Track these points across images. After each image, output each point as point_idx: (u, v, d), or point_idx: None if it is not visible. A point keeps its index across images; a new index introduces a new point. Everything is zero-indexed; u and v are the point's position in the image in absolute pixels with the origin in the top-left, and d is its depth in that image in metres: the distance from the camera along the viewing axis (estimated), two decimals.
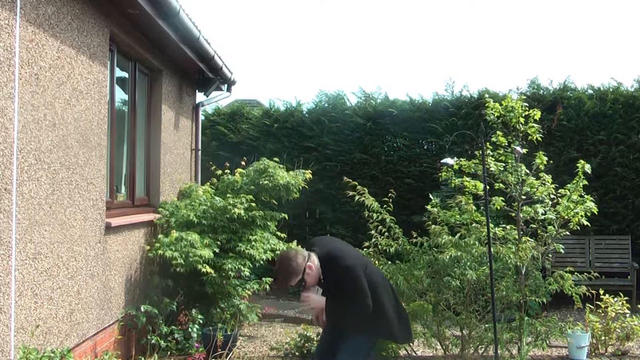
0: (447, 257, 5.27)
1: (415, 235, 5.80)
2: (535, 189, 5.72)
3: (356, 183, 5.93)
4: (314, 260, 3.75)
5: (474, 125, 9.08)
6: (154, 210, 6.46)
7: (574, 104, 9.36)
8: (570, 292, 5.53)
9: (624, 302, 6.20)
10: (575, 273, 5.70)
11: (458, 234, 5.60)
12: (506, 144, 5.88)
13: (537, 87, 9.68)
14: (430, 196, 6.12)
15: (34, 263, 3.93)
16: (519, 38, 34.35)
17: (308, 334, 5.91)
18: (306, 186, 6.95)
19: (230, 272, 5.99)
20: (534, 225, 5.82)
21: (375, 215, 5.77)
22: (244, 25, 37.60)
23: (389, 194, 5.84)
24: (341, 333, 3.89)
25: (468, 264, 5.36)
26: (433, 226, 5.67)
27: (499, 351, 5.16)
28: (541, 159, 5.86)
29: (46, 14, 4.07)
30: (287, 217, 6.79)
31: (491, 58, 33.09)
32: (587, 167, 5.81)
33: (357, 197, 5.85)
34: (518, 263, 5.50)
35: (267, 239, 6.36)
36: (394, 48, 36.46)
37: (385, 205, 5.80)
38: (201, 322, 5.97)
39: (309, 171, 7.05)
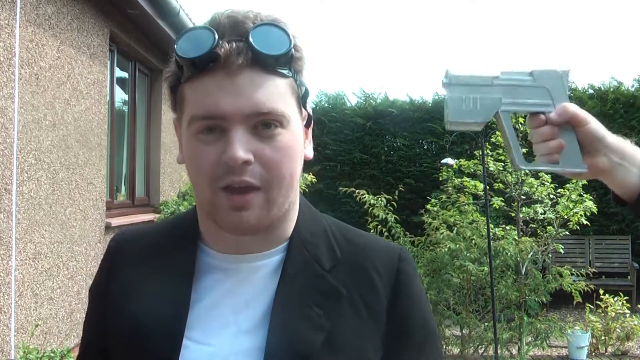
0: (446, 249, 5.26)
1: (415, 236, 5.80)
2: (534, 189, 5.73)
3: (354, 189, 5.93)
4: None
5: None
6: (154, 210, 6.46)
7: (574, 104, 9.36)
8: (569, 289, 5.53)
9: (624, 302, 6.20)
10: (574, 270, 5.70)
11: (455, 230, 5.61)
12: None
13: None
14: (429, 198, 6.12)
15: (34, 263, 3.94)
16: (518, 38, 34.38)
17: None
18: (306, 189, 6.88)
19: None
20: (534, 225, 5.82)
21: (381, 215, 5.72)
22: None
23: (397, 190, 5.83)
24: None
25: (466, 253, 5.31)
26: (431, 220, 5.66)
27: (499, 351, 5.16)
28: None
29: (46, 14, 4.08)
30: None
31: (491, 58, 33.10)
32: None
33: (359, 197, 5.83)
34: (518, 258, 5.49)
35: None
36: (395, 49, 36.49)
37: (388, 204, 5.79)
38: None
39: (312, 176, 6.79)
